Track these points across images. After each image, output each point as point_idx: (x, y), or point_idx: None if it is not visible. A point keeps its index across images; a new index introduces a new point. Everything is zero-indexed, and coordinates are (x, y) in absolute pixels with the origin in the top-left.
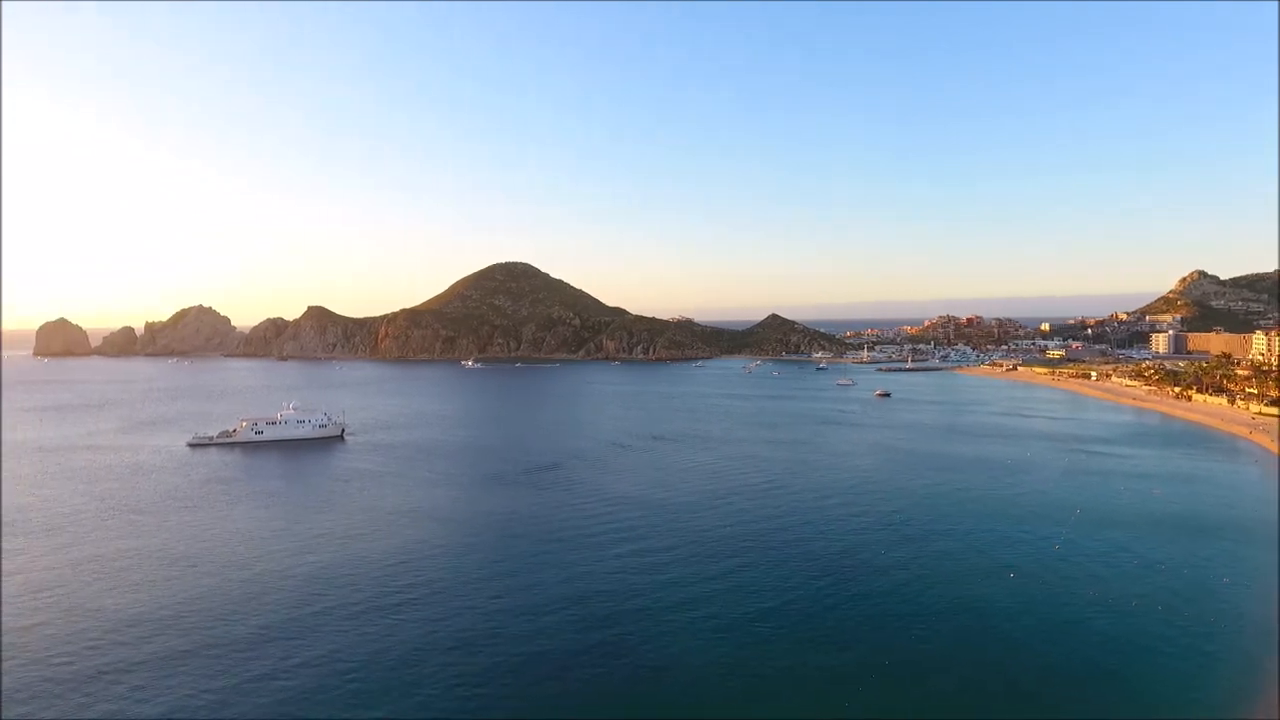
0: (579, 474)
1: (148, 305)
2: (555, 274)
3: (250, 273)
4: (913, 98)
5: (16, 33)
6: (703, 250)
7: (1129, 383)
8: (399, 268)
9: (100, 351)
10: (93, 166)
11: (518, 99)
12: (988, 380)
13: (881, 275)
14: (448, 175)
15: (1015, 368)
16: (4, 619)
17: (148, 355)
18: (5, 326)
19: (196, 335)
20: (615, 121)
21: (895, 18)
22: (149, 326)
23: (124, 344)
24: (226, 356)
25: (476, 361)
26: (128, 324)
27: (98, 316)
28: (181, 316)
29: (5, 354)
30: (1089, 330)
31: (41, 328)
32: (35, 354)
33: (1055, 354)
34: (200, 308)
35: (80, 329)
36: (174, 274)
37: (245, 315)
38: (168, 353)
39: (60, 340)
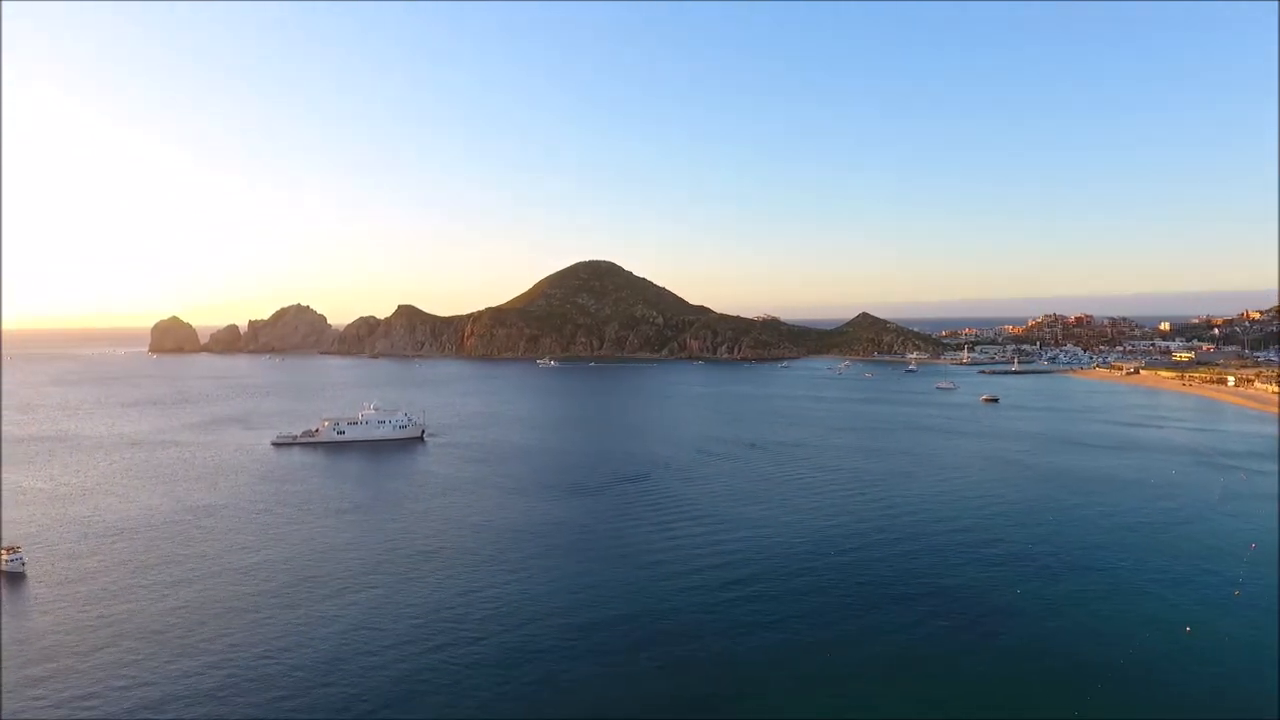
0: (666, 486)
1: (253, 302)
2: (639, 272)
3: (345, 272)
4: (1003, 93)
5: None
6: (789, 248)
7: (1277, 389)
8: (485, 266)
9: (207, 348)
10: (171, 179)
11: (599, 99)
12: (1106, 385)
13: (976, 272)
14: (531, 174)
15: (1137, 371)
16: (61, 644)
17: (250, 352)
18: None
19: (295, 333)
20: (698, 120)
21: (992, 13)
22: (251, 325)
23: (229, 341)
24: (322, 354)
25: (553, 360)
26: (233, 322)
27: (209, 312)
28: (281, 315)
29: (121, 351)
30: (1215, 330)
31: (155, 326)
32: (150, 351)
33: (1183, 356)
34: (298, 306)
35: (190, 327)
36: (275, 273)
37: (340, 314)
38: (268, 350)
39: (172, 338)
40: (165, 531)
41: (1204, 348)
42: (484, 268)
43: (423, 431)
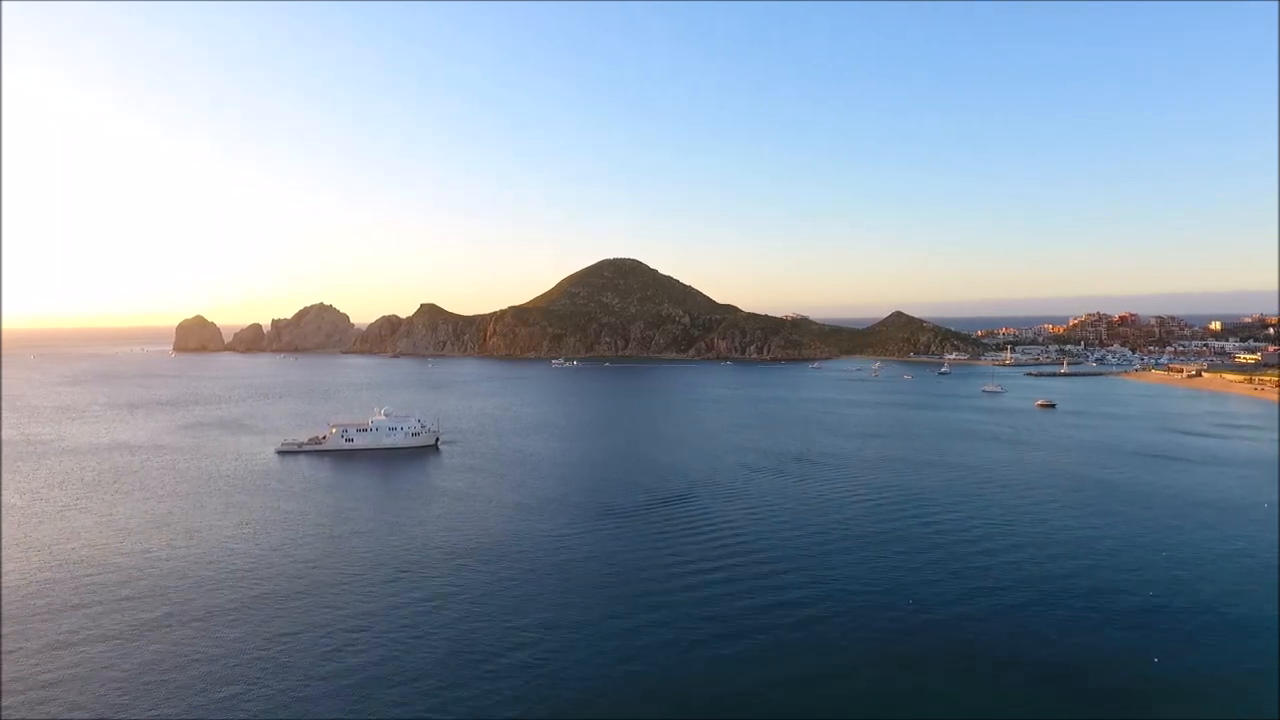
0: (711, 509)
1: (280, 301)
2: (664, 270)
3: (370, 272)
4: (1032, 91)
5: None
6: (819, 245)
7: None
8: (508, 265)
9: (231, 348)
10: (194, 179)
11: (624, 98)
12: (1165, 388)
13: (994, 270)
14: (555, 173)
15: (1199, 373)
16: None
17: (273, 351)
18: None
19: (317, 332)
20: (725, 118)
21: (1020, 13)
22: (275, 324)
23: (252, 340)
24: (344, 353)
25: (573, 360)
26: (258, 321)
27: (237, 311)
28: (304, 314)
29: (145, 349)
30: (1270, 329)
31: (179, 325)
32: (173, 350)
33: (1248, 358)
34: (321, 306)
35: (214, 326)
36: (301, 274)
37: (365, 313)
38: (291, 349)
39: (196, 337)
40: (137, 564)
41: (1269, 348)
42: (508, 267)
43: (437, 439)
